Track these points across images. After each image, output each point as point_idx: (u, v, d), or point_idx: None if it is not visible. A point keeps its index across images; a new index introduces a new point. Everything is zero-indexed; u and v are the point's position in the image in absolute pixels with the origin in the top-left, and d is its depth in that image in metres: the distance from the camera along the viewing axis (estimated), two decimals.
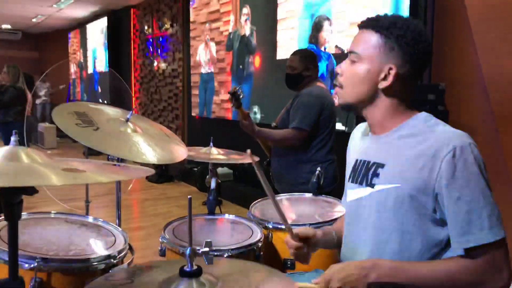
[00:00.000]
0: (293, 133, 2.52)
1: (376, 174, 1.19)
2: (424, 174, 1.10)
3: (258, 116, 5.31)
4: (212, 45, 6.21)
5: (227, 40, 5.83)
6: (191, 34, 6.66)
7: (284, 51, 4.75)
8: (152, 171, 1.28)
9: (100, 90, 10.27)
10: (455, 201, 1.07)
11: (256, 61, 5.28)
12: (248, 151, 1.14)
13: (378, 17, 1.21)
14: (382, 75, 1.17)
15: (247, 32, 5.43)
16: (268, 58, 5.08)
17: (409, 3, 3.28)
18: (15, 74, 5.27)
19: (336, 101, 1.26)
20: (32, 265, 1.24)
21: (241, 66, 5.60)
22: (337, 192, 2.14)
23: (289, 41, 4.71)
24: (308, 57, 2.66)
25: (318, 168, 2.15)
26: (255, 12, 5.31)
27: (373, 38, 1.18)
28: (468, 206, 1.06)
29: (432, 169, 1.09)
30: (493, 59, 2.90)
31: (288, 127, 2.57)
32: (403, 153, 1.15)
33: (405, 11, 3.30)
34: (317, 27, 4.31)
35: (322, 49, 4.23)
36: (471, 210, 1.06)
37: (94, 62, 10.48)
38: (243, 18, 5.51)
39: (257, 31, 5.26)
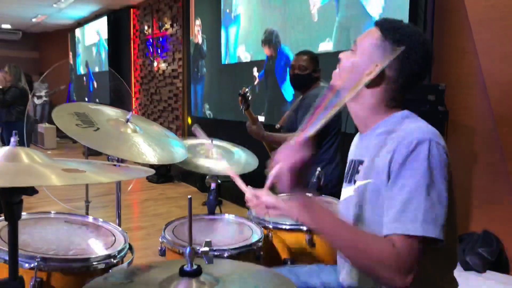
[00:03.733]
0: None
1: (357, 171, 1.24)
2: (386, 167, 1.12)
3: (209, 112, 6.31)
4: None
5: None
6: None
7: (228, 57, 5.77)
8: (152, 171, 1.28)
9: (92, 90, 10.48)
10: (398, 189, 1.07)
11: (207, 65, 6.33)
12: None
13: (390, 19, 1.25)
14: (368, 71, 1.20)
15: (200, 40, 6.48)
16: (215, 63, 6.04)
17: (409, 3, 3.28)
18: (16, 74, 5.30)
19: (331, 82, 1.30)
20: (32, 265, 1.24)
21: (196, 69, 6.65)
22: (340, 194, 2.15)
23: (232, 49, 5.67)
24: (316, 58, 2.63)
25: (318, 169, 2.14)
26: (204, 22, 6.37)
27: (374, 35, 1.22)
28: (408, 195, 1.05)
29: (391, 160, 1.10)
30: (493, 59, 2.90)
31: (294, 127, 2.55)
32: (376, 149, 1.18)
33: (405, 11, 3.30)
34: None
35: None
36: (410, 199, 1.05)
37: (86, 63, 10.70)
38: (196, 28, 6.56)
39: (207, 39, 6.32)
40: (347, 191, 1.29)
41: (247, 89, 2.44)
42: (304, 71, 2.58)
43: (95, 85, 10.54)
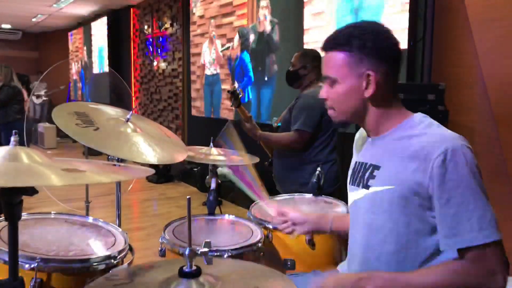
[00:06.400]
0: (295, 136, 2.51)
1: (372, 176, 1.21)
2: (417, 176, 1.11)
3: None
4: (218, 42, 5.72)
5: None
6: (199, 30, 6.20)
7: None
8: (152, 171, 1.28)
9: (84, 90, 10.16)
10: (445, 203, 1.07)
11: (281, 61, 4.45)
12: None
13: (335, 35, 1.24)
14: (364, 85, 1.19)
15: (267, 28, 4.62)
16: None
17: (409, 3, 3.28)
18: (7, 74, 5.30)
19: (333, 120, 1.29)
20: (32, 266, 1.24)
21: (260, 68, 4.80)
22: (339, 193, 2.14)
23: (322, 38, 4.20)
24: (309, 56, 2.65)
25: (318, 169, 2.15)
26: (277, 3, 4.51)
27: (339, 58, 1.20)
28: (458, 208, 1.06)
29: (424, 171, 1.10)
30: (493, 59, 2.90)
31: (290, 127, 2.57)
32: (397, 155, 1.16)
33: (405, 11, 3.30)
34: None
35: None
36: (461, 212, 1.06)
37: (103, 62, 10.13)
38: (261, 12, 4.69)
39: (280, 26, 4.46)
40: (357, 194, 1.26)
41: (236, 87, 2.50)
42: (292, 68, 2.65)
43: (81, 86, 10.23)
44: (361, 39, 1.17)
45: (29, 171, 1.02)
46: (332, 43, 1.22)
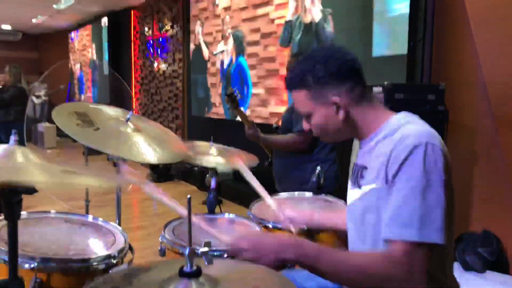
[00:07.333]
0: (298, 137, 2.52)
1: (362, 176, 1.25)
2: (388, 174, 1.12)
3: None
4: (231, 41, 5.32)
5: (283, 31, 4.43)
6: (226, 26, 5.70)
7: (383, 46, 3.34)
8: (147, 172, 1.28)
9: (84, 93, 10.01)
10: (393, 194, 1.08)
11: None
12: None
13: (291, 75, 1.28)
14: (335, 110, 1.23)
15: (317, 18, 3.94)
16: (367, 53, 3.49)
17: (409, 3, 3.28)
18: (16, 74, 5.33)
19: None
20: (32, 265, 1.23)
21: None
22: (339, 192, 2.14)
23: (392, 31, 3.33)
24: None
25: (318, 168, 2.15)
26: None
27: (301, 96, 1.26)
28: (403, 199, 1.06)
29: (387, 164, 1.12)
30: (493, 59, 2.90)
31: (290, 128, 2.57)
32: (376, 155, 1.19)
33: (405, 11, 3.30)
34: None
35: None
36: (404, 205, 1.06)
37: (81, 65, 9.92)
38: None
39: (335, 15, 3.75)
40: (353, 194, 1.30)
41: (234, 89, 2.54)
42: None
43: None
44: (313, 72, 1.22)
45: (22, 169, 1.02)
46: (290, 84, 1.28)
